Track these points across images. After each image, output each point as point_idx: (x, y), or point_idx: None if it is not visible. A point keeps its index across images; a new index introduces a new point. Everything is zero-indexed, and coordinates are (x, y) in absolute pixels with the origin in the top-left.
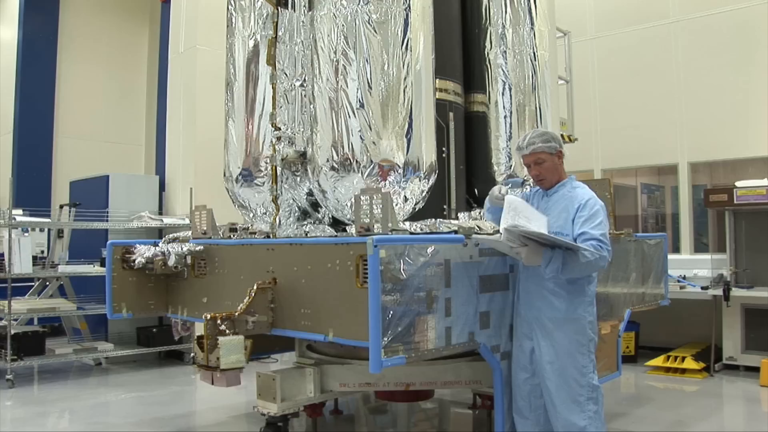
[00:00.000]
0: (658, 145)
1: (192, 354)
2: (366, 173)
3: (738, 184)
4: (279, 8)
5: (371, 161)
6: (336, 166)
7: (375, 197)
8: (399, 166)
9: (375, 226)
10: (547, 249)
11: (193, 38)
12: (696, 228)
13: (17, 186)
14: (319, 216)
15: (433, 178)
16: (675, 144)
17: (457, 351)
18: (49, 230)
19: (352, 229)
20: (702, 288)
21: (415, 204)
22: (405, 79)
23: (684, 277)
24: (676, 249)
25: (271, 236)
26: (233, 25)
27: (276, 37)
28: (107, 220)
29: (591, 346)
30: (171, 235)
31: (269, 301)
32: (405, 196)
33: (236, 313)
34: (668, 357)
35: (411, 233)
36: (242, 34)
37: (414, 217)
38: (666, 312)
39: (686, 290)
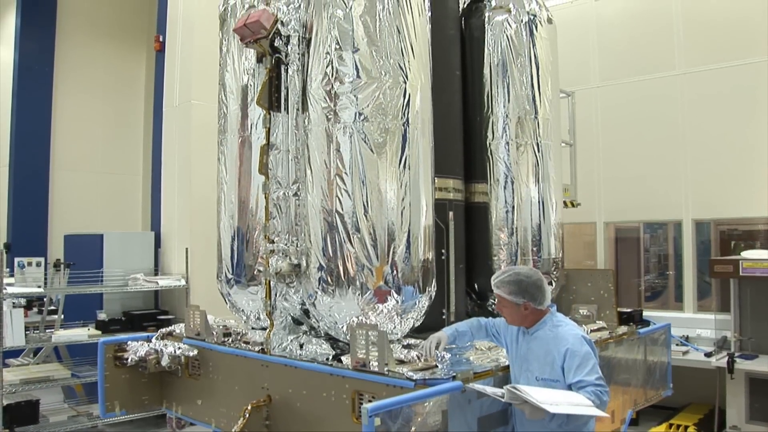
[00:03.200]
0: (662, 199)
1: None
2: (362, 299)
3: (744, 254)
4: (272, 112)
5: (367, 288)
6: (330, 290)
7: (371, 333)
8: (396, 291)
9: (371, 364)
10: None
11: (188, 93)
12: (698, 266)
13: (13, 222)
14: (314, 324)
15: (432, 292)
16: (679, 198)
17: None
18: (45, 264)
19: (347, 360)
20: (705, 355)
21: (415, 321)
22: (403, 200)
23: (687, 339)
24: (679, 300)
25: (266, 351)
26: (225, 126)
27: (268, 143)
28: (102, 282)
29: None
30: (164, 330)
31: (264, 419)
32: (403, 317)
33: None
34: (670, 425)
35: (408, 378)
36: (234, 134)
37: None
38: None
39: (689, 356)
